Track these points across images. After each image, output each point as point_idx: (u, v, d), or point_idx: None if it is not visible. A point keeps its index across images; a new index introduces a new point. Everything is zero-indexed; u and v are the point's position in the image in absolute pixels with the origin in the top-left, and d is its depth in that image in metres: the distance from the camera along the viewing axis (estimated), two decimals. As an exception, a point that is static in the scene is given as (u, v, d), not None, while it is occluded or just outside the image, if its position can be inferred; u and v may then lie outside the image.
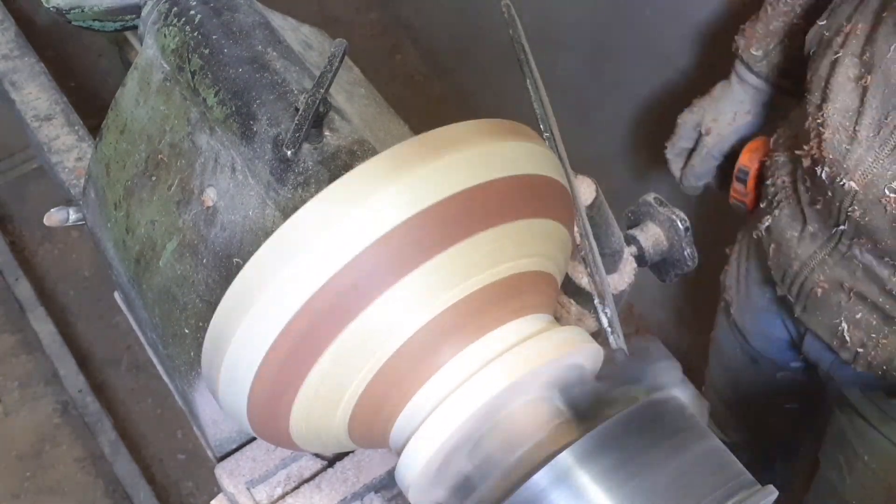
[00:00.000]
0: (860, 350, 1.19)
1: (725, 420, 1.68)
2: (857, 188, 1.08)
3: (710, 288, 2.09)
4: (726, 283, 1.51)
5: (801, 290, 1.24)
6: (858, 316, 1.18)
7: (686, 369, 0.72)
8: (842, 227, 1.14)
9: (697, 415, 0.71)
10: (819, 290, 1.21)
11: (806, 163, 1.17)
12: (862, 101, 1.08)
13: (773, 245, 1.28)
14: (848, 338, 1.20)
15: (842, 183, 1.09)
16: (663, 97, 1.94)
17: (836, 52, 1.13)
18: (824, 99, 1.13)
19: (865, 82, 1.08)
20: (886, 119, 1.05)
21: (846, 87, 1.11)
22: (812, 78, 1.18)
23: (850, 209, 1.11)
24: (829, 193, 1.13)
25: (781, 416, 1.63)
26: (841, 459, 1.35)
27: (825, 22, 1.21)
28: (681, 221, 1.20)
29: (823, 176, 1.12)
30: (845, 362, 1.23)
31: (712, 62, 1.76)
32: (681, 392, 0.71)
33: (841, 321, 1.20)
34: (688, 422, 0.68)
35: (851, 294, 1.17)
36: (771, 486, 0.66)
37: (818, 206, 1.18)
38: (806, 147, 1.16)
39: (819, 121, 1.13)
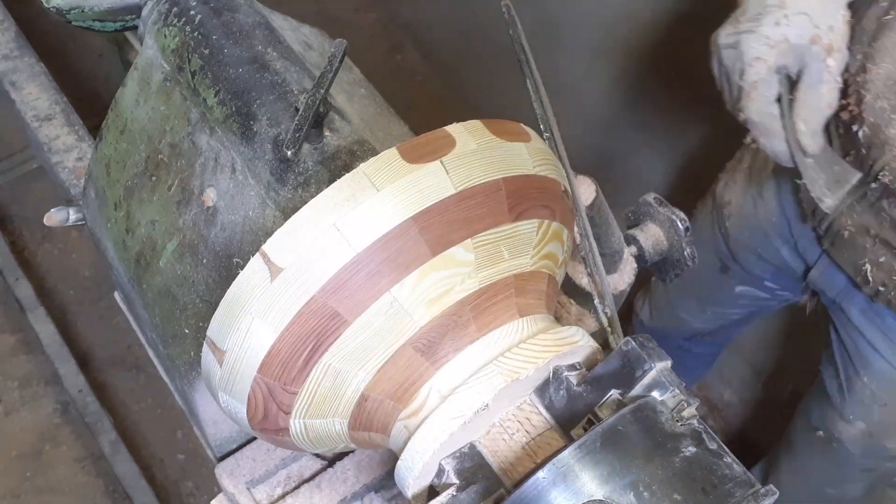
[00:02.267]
0: (881, 288, 1.23)
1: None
2: (892, 159, 1.07)
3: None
4: (725, 197, 1.48)
5: (829, 228, 1.26)
6: (882, 259, 1.20)
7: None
8: (873, 185, 1.13)
9: (696, 415, 0.71)
10: (846, 233, 1.22)
11: (844, 115, 1.11)
12: None
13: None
14: (871, 277, 1.23)
15: (880, 148, 1.08)
16: (663, 97, 1.94)
17: (886, 12, 1.06)
18: (868, 58, 1.07)
19: None
20: None
21: (894, 53, 1.05)
22: (856, 27, 1.07)
23: (881, 173, 1.10)
24: (864, 152, 1.11)
25: (721, 318, 1.69)
26: (842, 377, 1.40)
27: None
28: (681, 221, 1.19)
29: (861, 136, 1.10)
30: (869, 297, 1.27)
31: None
32: (661, 363, 0.71)
33: (865, 262, 1.23)
34: (688, 422, 0.68)
35: (877, 240, 1.19)
36: (771, 487, 0.66)
37: (849, 158, 1.15)
38: (844, 100, 1.09)
39: (860, 80, 1.08)
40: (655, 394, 0.68)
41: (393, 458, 0.73)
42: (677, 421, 0.67)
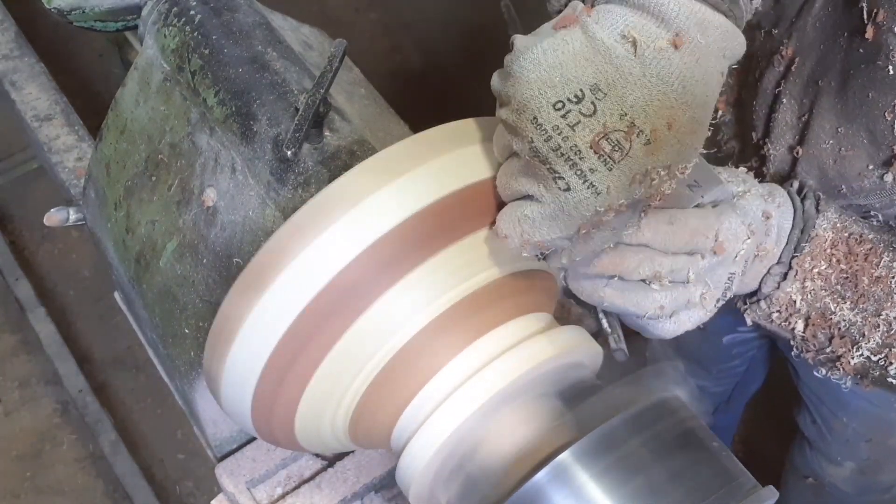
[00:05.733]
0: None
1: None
2: None
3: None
4: None
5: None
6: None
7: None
8: None
9: (697, 415, 0.71)
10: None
11: (753, 161, 1.03)
12: (794, 171, 0.94)
13: None
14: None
15: None
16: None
17: (778, 81, 0.94)
18: (766, 132, 0.97)
19: (797, 153, 0.92)
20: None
21: (784, 136, 0.94)
22: (759, 80, 0.97)
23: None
24: None
25: (728, 374, 1.61)
26: (819, 421, 1.36)
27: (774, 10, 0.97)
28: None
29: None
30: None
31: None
32: (681, 392, 0.71)
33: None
34: (688, 422, 0.68)
35: None
36: (771, 488, 0.66)
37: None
38: (753, 161, 1.00)
39: (762, 152, 0.98)
40: (662, 394, 0.68)
41: (393, 457, 0.73)
42: (682, 420, 0.67)
